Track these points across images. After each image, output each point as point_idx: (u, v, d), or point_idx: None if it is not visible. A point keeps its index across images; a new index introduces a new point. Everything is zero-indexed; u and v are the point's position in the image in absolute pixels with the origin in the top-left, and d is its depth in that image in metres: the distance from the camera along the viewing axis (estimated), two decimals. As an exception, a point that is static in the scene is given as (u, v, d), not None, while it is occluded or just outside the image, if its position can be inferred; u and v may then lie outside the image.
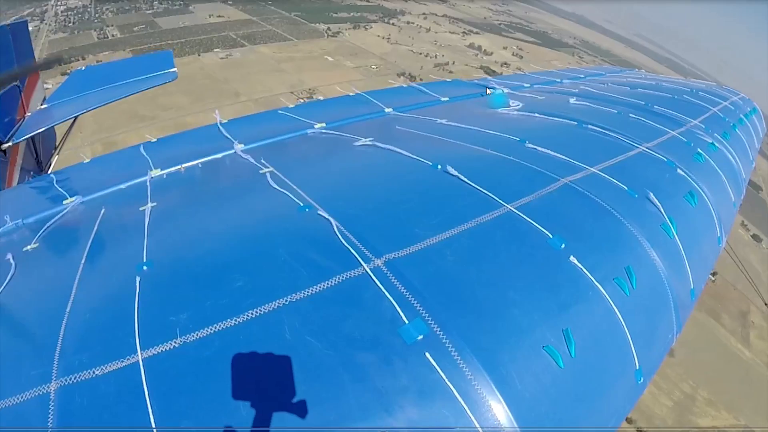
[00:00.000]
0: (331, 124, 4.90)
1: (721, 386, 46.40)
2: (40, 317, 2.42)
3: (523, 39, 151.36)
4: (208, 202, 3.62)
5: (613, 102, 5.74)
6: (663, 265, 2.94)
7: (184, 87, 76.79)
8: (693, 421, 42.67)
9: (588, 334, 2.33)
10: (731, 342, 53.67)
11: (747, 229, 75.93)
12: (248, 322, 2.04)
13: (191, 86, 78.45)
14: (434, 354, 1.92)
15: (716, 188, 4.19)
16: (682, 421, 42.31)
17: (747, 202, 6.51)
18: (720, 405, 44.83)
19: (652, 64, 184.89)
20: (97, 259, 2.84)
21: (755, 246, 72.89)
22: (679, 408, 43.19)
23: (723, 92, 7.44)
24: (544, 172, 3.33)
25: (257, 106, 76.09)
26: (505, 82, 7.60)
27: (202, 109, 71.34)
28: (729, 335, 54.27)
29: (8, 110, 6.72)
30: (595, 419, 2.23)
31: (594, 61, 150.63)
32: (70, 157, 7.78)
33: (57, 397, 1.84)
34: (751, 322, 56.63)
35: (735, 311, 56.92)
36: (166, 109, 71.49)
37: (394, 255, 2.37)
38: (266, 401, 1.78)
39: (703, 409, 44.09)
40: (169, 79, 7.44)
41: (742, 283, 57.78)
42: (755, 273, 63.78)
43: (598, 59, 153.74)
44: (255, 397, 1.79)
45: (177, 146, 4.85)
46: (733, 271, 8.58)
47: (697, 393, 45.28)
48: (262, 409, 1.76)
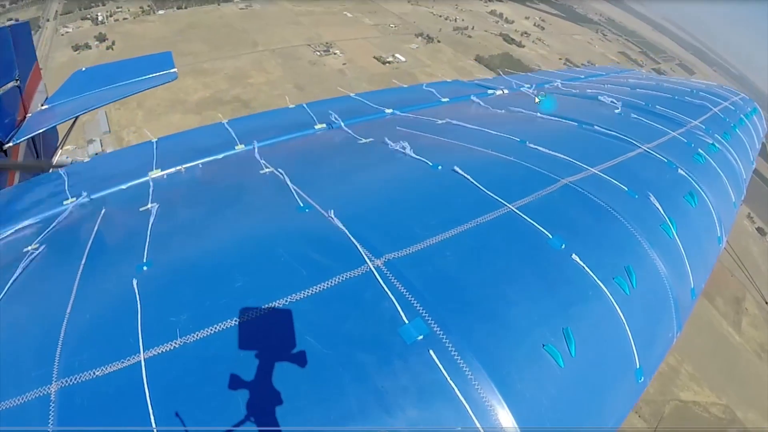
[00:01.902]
0: (332, 125, 4.90)
1: (706, 365, 46.67)
2: (40, 318, 2.42)
3: (547, 11, 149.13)
4: (209, 202, 3.63)
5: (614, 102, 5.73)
6: (663, 265, 2.94)
7: (203, 35, 77.63)
8: (675, 393, 43.06)
9: (588, 334, 2.33)
10: (722, 325, 53.90)
11: (752, 221, 76.22)
12: (248, 322, 2.04)
13: (210, 35, 78.87)
14: (434, 354, 1.93)
15: (716, 189, 4.19)
16: (664, 391, 42.69)
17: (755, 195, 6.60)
18: (703, 382, 45.19)
19: (677, 49, 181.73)
20: (98, 259, 2.84)
21: (759, 238, 73.27)
22: (663, 378, 43.55)
23: (723, 92, 7.43)
24: (544, 173, 3.33)
25: (274, 56, 76.94)
26: (505, 82, 7.60)
27: (219, 56, 71.91)
28: (721, 318, 54.53)
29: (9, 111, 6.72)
30: (596, 418, 2.23)
31: (617, 41, 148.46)
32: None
33: (57, 397, 1.84)
34: (745, 309, 57.02)
35: (730, 296, 57.09)
36: (184, 55, 71.57)
37: (395, 255, 2.37)
38: (266, 401, 1.78)
39: (686, 383, 44.49)
40: (169, 79, 7.45)
41: (741, 272, 57.94)
42: (756, 265, 63.99)
43: (622, 39, 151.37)
44: (255, 397, 1.79)
45: (178, 146, 4.86)
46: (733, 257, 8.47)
47: (682, 367, 45.55)
48: (263, 409, 1.76)
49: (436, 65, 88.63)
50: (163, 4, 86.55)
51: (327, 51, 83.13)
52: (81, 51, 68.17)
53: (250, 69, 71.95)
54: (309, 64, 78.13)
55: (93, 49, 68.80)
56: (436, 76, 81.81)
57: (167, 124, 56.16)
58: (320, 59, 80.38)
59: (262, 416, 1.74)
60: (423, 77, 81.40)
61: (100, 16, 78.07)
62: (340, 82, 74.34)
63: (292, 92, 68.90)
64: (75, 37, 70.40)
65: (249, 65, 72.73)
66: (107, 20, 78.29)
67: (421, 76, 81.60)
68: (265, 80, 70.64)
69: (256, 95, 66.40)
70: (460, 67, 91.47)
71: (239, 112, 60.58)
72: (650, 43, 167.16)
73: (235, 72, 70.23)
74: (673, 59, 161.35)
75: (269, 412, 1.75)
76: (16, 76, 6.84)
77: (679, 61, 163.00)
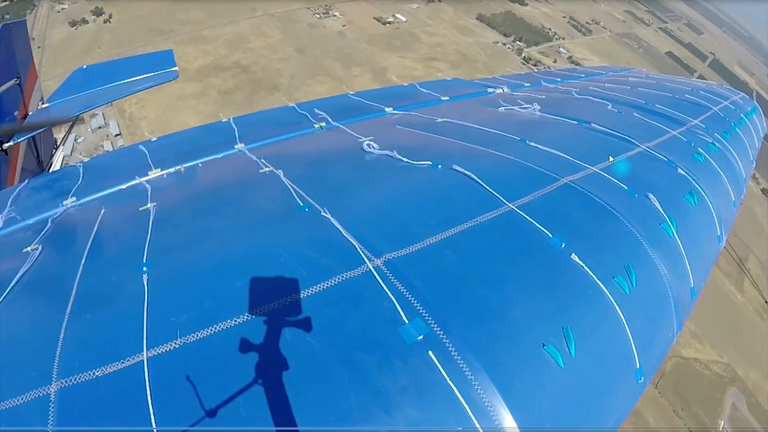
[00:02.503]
0: (331, 124, 4.90)
1: (708, 323, 46.78)
2: (40, 318, 2.42)
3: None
4: (208, 201, 3.62)
5: (614, 101, 5.73)
6: (663, 264, 2.94)
7: (201, 3, 76.70)
8: (676, 350, 43.24)
9: (588, 334, 2.32)
10: (725, 284, 54.01)
11: (758, 182, 76.36)
12: (248, 322, 2.04)
13: (208, 2, 78.05)
14: (434, 354, 1.93)
15: (716, 188, 4.19)
16: (666, 347, 43.31)
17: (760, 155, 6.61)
18: (705, 340, 45.36)
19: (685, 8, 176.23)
20: (98, 259, 2.84)
21: (762, 199, 73.50)
22: (664, 334, 44.21)
23: (724, 92, 7.43)
24: (544, 172, 3.33)
25: (273, 20, 76.48)
26: (506, 81, 7.59)
27: (218, 23, 71.34)
28: (723, 277, 54.58)
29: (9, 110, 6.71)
30: (596, 418, 2.23)
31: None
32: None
33: (57, 398, 1.84)
34: (748, 269, 57.21)
35: (733, 256, 57.42)
36: (183, 23, 71.22)
37: (394, 254, 2.37)
38: (266, 401, 1.78)
39: (687, 340, 44.60)
40: (170, 78, 7.44)
41: (744, 232, 57.70)
42: (759, 225, 64.41)
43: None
44: (255, 397, 1.79)
45: (177, 145, 4.85)
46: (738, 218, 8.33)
47: (684, 324, 45.96)
48: (263, 409, 1.76)
49: (437, 24, 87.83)
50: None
51: (326, 13, 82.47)
52: (78, 26, 67.12)
53: (250, 34, 71.32)
54: (309, 27, 77.49)
55: (90, 24, 67.85)
56: (437, 36, 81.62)
57: (168, 93, 56.01)
58: (320, 21, 79.74)
59: (262, 416, 1.74)
60: (424, 36, 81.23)
61: (97, -10, 76.04)
62: (340, 43, 73.69)
63: (293, 55, 68.43)
64: (72, 13, 69.31)
65: (248, 30, 72.13)
66: (103, -6, 76.38)
67: (422, 35, 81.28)
68: (265, 44, 70.02)
69: (256, 59, 65.93)
70: (462, 26, 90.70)
71: (239, 78, 60.82)
72: (657, 2, 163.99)
73: (235, 37, 69.61)
74: (680, 19, 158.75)
75: (269, 411, 1.75)
76: (17, 75, 6.83)
77: (687, 20, 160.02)
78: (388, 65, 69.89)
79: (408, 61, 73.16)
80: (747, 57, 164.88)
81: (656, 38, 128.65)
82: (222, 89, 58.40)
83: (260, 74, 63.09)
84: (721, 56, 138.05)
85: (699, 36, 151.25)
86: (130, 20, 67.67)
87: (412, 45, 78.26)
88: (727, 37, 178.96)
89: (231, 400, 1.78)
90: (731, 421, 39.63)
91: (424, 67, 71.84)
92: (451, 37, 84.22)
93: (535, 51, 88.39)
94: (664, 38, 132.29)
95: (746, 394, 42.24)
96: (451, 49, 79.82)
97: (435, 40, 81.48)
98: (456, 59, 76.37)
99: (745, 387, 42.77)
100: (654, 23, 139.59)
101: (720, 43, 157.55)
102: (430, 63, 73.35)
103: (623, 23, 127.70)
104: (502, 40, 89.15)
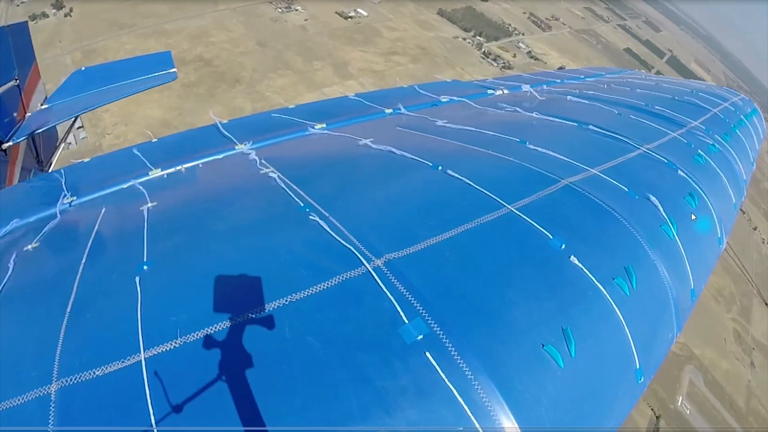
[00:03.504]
0: (331, 125, 4.90)
1: None
2: (40, 317, 2.42)
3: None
4: (209, 202, 3.62)
5: (614, 103, 5.74)
6: (663, 266, 2.94)
7: None
8: None
9: (588, 334, 2.32)
10: None
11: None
12: (248, 323, 2.04)
13: None
14: (434, 354, 1.92)
15: (717, 189, 4.19)
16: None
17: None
18: None
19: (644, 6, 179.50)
20: (98, 258, 2.84)
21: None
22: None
23: (723, 93, 7.44)
24: (544, 173, 3.33)
25: (235, 14, 76.23)
26: (505, 82, 7.60)
27: (183, 16, 70.73)
28: None
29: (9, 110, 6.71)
30: (595, 419, 2.23)
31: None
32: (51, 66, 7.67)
33: (57, 397, 1.84)
34: None
35: None
36: (146, 16, 69.90)
37: (395, 255, 2.37)
38: (266, 401, 1.78)
39: None
40: (169, 79, 7.44)
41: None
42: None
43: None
44: (255, 398, 1.79)
45: (178, 146, 4.85)
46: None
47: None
48: (262, 409, 1.76)
49: (398, 19, 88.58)
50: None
51: (289, 8, 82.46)
52: (38, 20, 65.36)
53: (212, 28, 70.96)
54: (271, 21, 77.33)
55: (51, 18, 66.65)
56: (398, 30, 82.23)
57: None
58: (282, 16, 79.82)
59: (262, 416, 1.74)
60: (385, 31, 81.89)
61: (55, -16, 75.16)
62: (301, 37, 73.85)
63: (255, 49, 68.48)
64: (32, 7, 67.46)
65: (211, 24, 71.53)
66: (63, -12, 75.43)
67: (383, 30, 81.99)
68: (227, 38, 69.90)
69: (218, 53, 65.89)
70: (422, 20, 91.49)
71: (202, 71, 60.51)
72: (631, 9, 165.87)
73: (198, 31, 69.27)
74: (639, 16, 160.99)
75: (269, 412, 1.75)
76: (16, 76, 6.84)
77: (646, 18, 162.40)
78: (350, 59, 70.21)
79: (369, 55, 73.47)
80: (704, 55, 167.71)
81: (615, 35, 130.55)
82: (185, 82, 57.73)
83: (222, 68, 62.92)
84: (678, 53, 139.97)
85: (657, 33, 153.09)
86: (92, 13, 66.14)
87: (373, 39, 78.64)
88: (686, 35, 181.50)
89: (230, 400, 1.78)
90: (689, 396, 40.86)
91: (385, 61, 72.37)
92: (412, 32, 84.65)
93: (495, 46, 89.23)
94: (623, 35, 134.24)
95: (702, 371, 43.83)
96: (412, 44, 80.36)
97: (396, 34, 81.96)
98: (416, 53, 77.00)
99: (701, 365, 44.30)
100: (613, 20, 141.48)
101: (678, 41, 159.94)
102: (391, 57, 73.92)
103: (583, 20, 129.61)
104: (462, 35, 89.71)
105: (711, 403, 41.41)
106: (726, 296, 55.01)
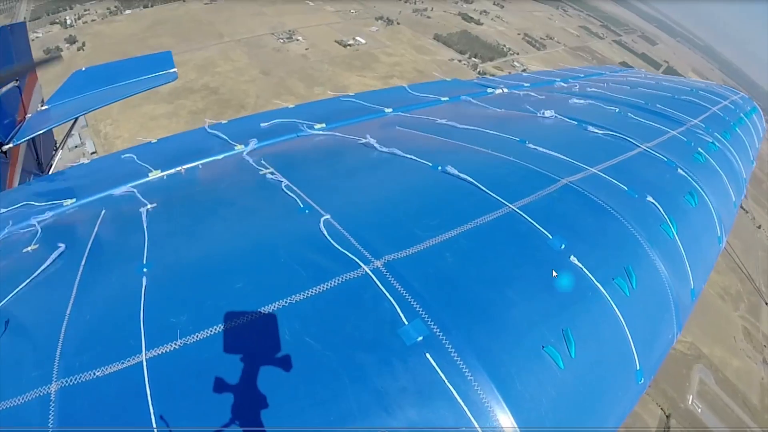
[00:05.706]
0: (330, 125, 4.89)
1: None
2: (40, 319, 2.42)
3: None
4: (208, 203, 3.62)
5: (613, 101, 5.72)
6: (663, 266, 2.94)
7: (171, 29, 79.91)
8: None
9: (588, 335, 2.32)
10: None
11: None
12: (248, 324, 2.04)
13: (177, 29, 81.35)
14: (434, 355, 1.92)
15: (717, 188, 4.18)
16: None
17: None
18: None
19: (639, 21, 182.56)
20: (98, 260, 2.84)
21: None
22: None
23: (723, 91, 7.42)
24: (544, 173, 3.33)
25: (239, 45, 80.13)
26: (505, 81, 7.59)
27: (188, 48, 74.24)
28: None
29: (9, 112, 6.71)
30: (595, 420, 2.23)
31: (578, 15, 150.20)
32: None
33: (57, 397, 1.84)
34: None
35: None
36: (154, 49, 70.85)
37: (394, 256, 2.36)
38: (266, 402, 1.78)
39: None
40: (169, 79, 7.42)
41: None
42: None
43: (583, 14, 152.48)
44: (255, 399, 1.79)
45: (177, 147, 4.85)
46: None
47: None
48: (262, 410, 1.76)
49: (396, 45, 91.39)
50: (130, 4, 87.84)
51: (290, 38, 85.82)
52: (53, 53, 67.96)
53: (218, 59, 74.31)
54: (273, 51, 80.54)
55: (64, 52, 69.31)
56: (396, 55, 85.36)
57: (142, 114, 57.83)
58: (284, 46, 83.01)
59: (262, 417, 1.74)
60: (383, 56, 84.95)
61: (69, 20, 78.72)
62: (303, 65, 76.81)
63: (258, 77, 71.46)
64: (46, 41, 70.81)
65: (216, 55, 75.20)
66: (76, 23, 79.16)
67: (381, 56, 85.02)
68: (232, 68, 73.01)
69: (223, 82, 68.76)
70: (419, 45, 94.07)
71: (208, 99, 63.43)
72: (612, 16, 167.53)
73: (203, 62, 72.46)
74: (634, 31, 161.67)
75: (269, 412, 1.75)
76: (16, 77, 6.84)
77: (641, 33, 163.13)
78: (349, 84, 72.71)
79: (367, 79, 76.19)
80: (702, 64, 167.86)
81: (610, 50, 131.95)
82: (192, 110, 60.74)
83: (228, 95, 65.90)
84: (675, 64, 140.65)
85: (653, 46, 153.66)
86: (103, 47, 69.15)
87: (371, 65, 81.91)
88: (682, 46, 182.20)
89: (231, 400, 1.78)
90: (700, 395, 40.43)
91: (383, 84, 74.38)
92: (409, 57, 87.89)
93: (490, 66, 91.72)
94: (618, 50, 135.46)
95: (713, 370, 43.32)
96: (409, 67, 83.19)
97: (394, 59, 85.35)
98: (414, 76, 79.40)
99: (711, 363, 43.87)
100: (608, 36, 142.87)
101: (674, 53, 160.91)
102: (389, 80, 76.42)
103: (577, 38, 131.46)
104: (458, 57, 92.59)
105: (723, 401, 40.92)
106: (733, 294, 54.77)
